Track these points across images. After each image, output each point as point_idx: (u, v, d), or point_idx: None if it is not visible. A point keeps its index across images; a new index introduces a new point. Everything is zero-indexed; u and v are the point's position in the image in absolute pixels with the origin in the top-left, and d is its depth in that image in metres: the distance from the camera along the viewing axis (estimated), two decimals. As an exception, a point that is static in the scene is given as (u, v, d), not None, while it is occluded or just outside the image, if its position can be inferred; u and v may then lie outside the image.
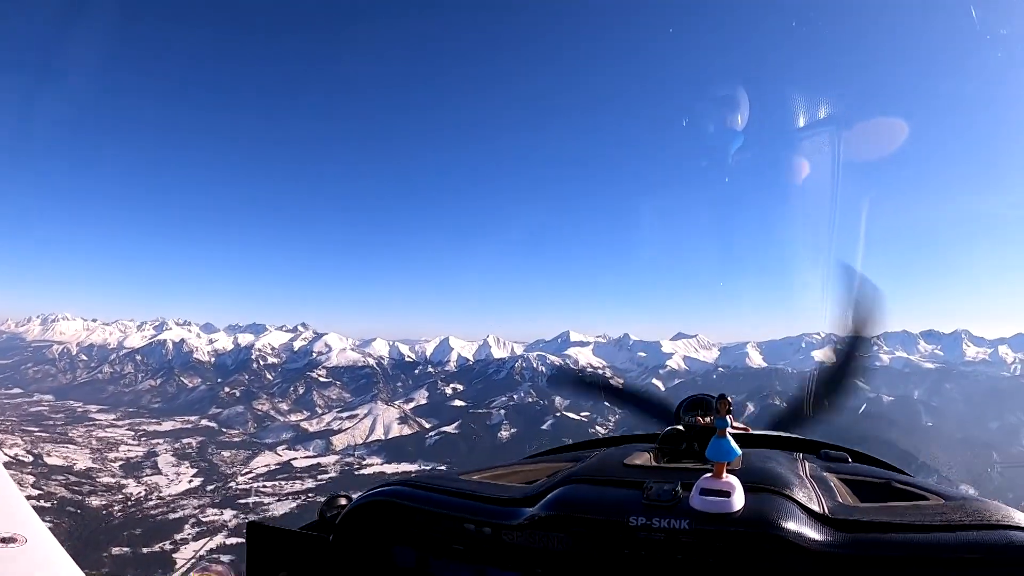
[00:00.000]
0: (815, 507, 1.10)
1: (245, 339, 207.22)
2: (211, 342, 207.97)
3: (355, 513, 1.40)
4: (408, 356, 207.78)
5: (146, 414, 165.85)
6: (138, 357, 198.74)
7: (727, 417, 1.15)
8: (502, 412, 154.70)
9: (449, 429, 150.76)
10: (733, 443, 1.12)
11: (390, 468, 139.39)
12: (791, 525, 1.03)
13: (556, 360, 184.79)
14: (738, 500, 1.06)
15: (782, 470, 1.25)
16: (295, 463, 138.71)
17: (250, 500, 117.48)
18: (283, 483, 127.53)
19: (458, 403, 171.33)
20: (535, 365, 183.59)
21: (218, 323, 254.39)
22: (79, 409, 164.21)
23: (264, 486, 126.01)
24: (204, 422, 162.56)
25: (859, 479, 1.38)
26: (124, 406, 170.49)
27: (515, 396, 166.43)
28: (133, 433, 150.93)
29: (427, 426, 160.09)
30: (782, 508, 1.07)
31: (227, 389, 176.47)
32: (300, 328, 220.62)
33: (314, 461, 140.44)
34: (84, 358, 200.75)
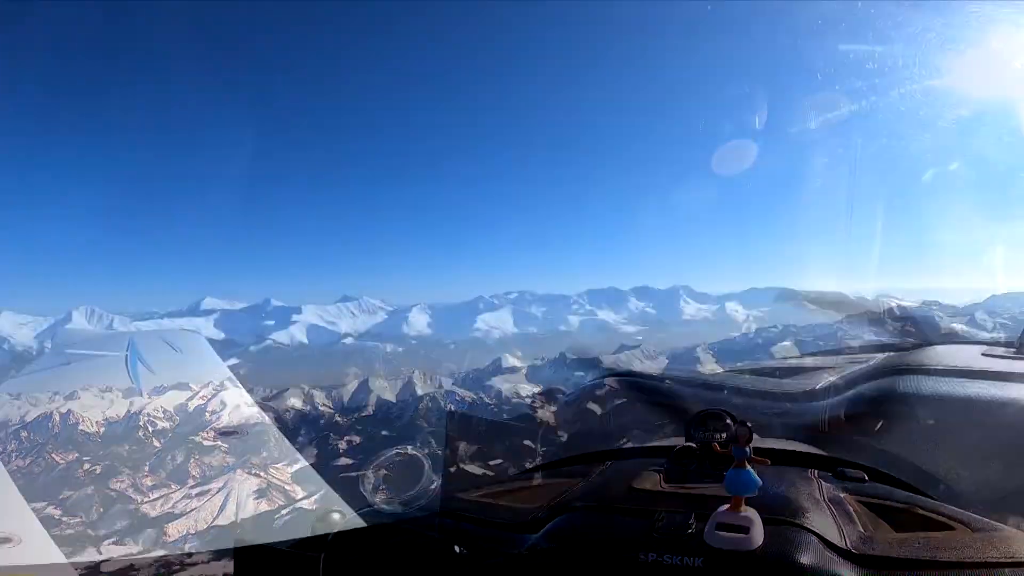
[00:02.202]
0: (837, 540, 1.03)
1: (141, 403, 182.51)
2: (107, 409, 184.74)
3: (349, 532, 1.31)
4: (323, 404, 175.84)
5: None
6: (23, 433, 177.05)
7: (747, 447, 1.07)
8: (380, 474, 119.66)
9: (305, 504, 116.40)
10: (754, 474, 1.06)
11: (218, 566, 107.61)
12: (814, 564, 0.96)
13: (468, 396, 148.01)
14: (757, 536, 0.99)
15: (800, 497, 1.17)
16: (104, 568, 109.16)
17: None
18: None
19: (344, 462, 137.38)
20: (443, 404, 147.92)
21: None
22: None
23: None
24: (49, 510, 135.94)
25: (879, 502, 1.28)
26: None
27: (409, 449, 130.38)
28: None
29: (298, 496, 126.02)
30: (803, 544, 1.00)
31: (86, 466, 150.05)
32: (218, 385, 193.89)
33: (130, 561, 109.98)
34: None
